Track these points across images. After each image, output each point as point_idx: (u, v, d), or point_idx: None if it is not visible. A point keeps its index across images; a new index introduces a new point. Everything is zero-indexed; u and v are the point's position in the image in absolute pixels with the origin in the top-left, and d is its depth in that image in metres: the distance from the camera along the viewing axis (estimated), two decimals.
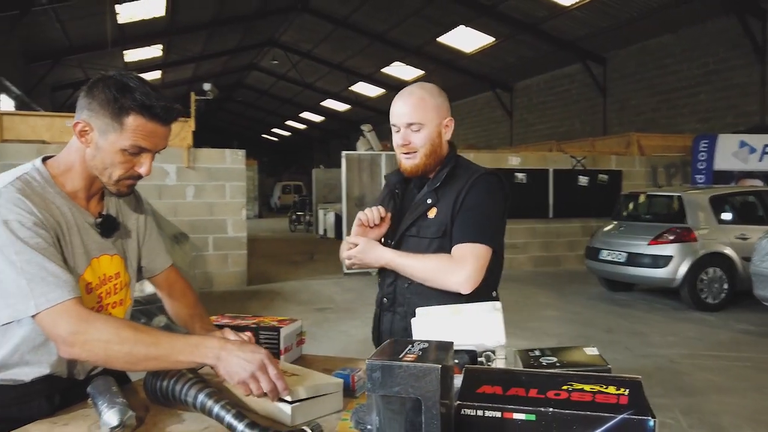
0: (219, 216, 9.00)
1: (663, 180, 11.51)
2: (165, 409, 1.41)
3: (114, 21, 13.82)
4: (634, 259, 7.58)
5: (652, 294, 8.41)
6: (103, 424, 1.25)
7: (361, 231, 1.87)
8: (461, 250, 1.79)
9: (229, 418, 1.23)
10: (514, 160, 10.97)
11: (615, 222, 8.46)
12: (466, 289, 1.77)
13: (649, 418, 1.02)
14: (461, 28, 15.68)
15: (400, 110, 1.84)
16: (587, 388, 1.13)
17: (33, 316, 1.28)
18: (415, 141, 1.83)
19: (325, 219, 17.03)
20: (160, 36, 16.55)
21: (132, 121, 1.36)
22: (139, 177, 1.46)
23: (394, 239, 1.91)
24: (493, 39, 15.99)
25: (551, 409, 1.06)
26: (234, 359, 1.27)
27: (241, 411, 1.25)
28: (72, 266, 1.39)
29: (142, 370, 1.37)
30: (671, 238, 7.32)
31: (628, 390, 1.11)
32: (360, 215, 1.86)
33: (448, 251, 1.82)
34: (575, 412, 1.05)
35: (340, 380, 1.46)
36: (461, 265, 1.77)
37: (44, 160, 1.45)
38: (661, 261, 7.29)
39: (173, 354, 1.29)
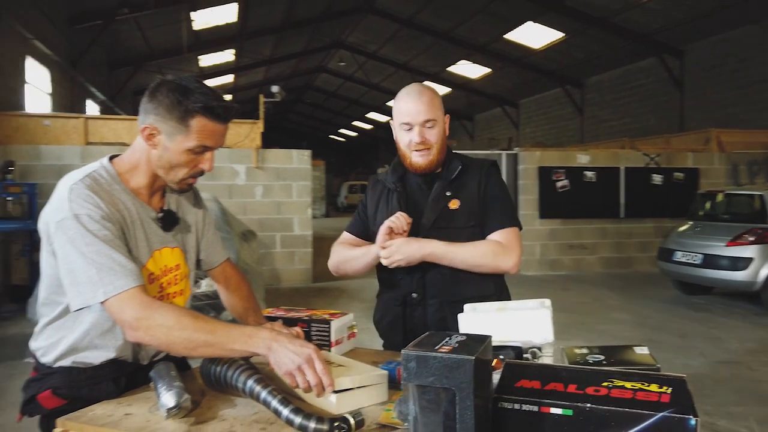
0: (286, 215, 9.25)
1: (744, 178, 10.87)
2: (219, 394, 1.49)
3: (190, 28, 14.44)
4: (710, 261, 7.21)
5: (732, 298, 7.96)
6: (161, 406, 1.33)
7: (387, 239, 1.89)
8: (505, 235, 1.93)
9: (275, 403, 1.29)
10: (583, 158, 10.66)
11: (690, 222, 8.07)
12: (516, 270, 1.93)
13: (691, 417, 1.00)
14: (529, 24, 15.38)
15: (416, 108, 1.90)
16: (628, 385, 1.11)
17: (101, 303, 1.38)
18: (430, 138, 1.91)
19: None
20: (232, 41, 17.14)
21: (197, 122, 1.46)
22: (201, 173, 1.56)
23: (418, 235, 1.92)
24: (563, 34, 15.59)
25: (589, 405, 1.06)
26: (283, 351, 1.33)
27: (287, 397, 1.31)
28: (135, 257, 1.49)
29: (199, 356, 1.43)
30: (752, 239, 6.91)
31: (671, 388, 1.09)
32: (389, 223, 1.88)
33: (480, 238, 1.93)
34: (613, 408, 1.04)
35: (385, 372, 1.49)
36: (510, 248, 1.92)
37: (111, 158, 1.56)
38: (740, 263, 6.90)
39: (228, 342, 1.36)
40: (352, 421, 1.23)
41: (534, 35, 16.09)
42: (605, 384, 1.12)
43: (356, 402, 1.38)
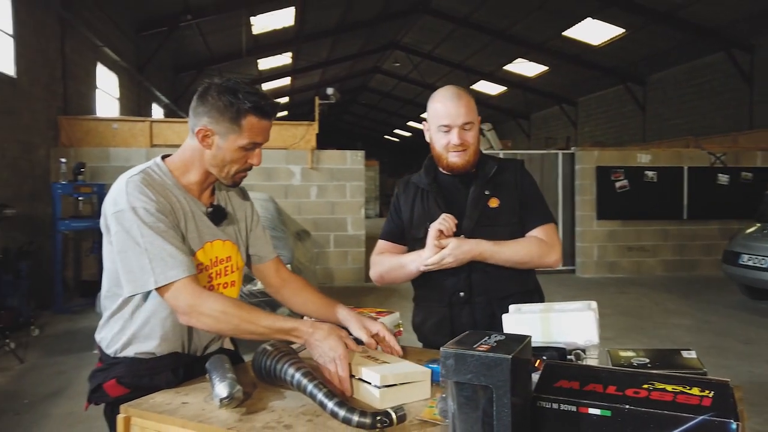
0: (340, 215, 9.39)
1: None
2: (269, 387, 1.56)
3: (249, 32, 14.84)
4: None
5: None
6: (215, 396, 1.41)
7: (437, 242, 1.92)
8: (545, 231, 2.02)
9: (320, 396, 1.34)
10: (643, 158, 10.34)
11: (758, 224, 7.71)
12: (558, 265, 2.03)
13: (732, 421, 0.99)
14: (588, 20, 15.01)
15: (456, 111, 1.96)
16: (669, 388, 1.11)
17: (155, 290, 1.50)
18: (468, 139, 1.98)
19: None
20: (289, 44, 17.49)
21: (248, 122, 1.57)
22: (250, 168, 1.68)
23: (462, 234, 1.95)
24: (624, 30, 15.13)
25: (627, 406, 1.06)
26: (318, 346, 1.50)
27: (332, 391, 1.36)
28: (186, 246, 1.58)
29: (247, 338, 1.56)
30: None
31: (713, 392, 1.08)
32: (439, 226, 1.91)
33: (521, 235, 2.02)
34: (652, 410, 1.04)
35: (428, 369, 1.53)
36: (552, 244, 2.01)
37: (163, 158, 1.68)
38: None
39: (272, 334, 1.52)
40: (393, 415, 1.27)
41: (594, 31, 15.68)
42: (645, 386, 1.12)
43: (399, 397, 1.42)
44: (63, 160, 7.57)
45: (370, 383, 1.43)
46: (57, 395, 4.44)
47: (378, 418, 1.26)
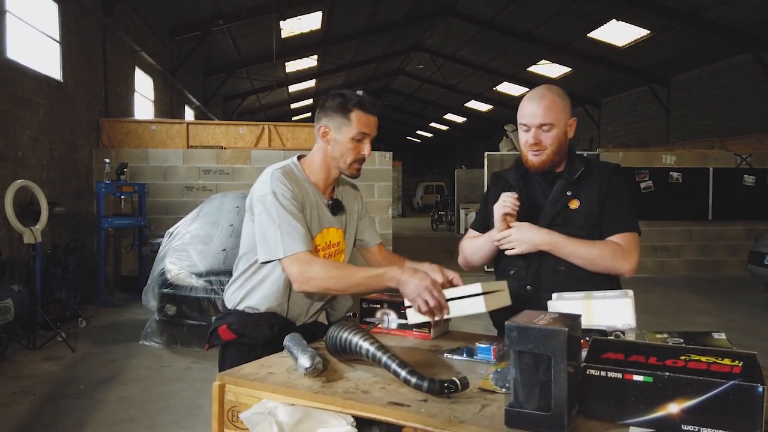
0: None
1: None
2: (342, 361, 1.77)
3: (278, 36, 15.14)
4: None
5: None
6: (299, 366, 1.62)
7: (504, 225, 2.01)
8: (626, 238, 2.00)
9: (394, 366, 1.54)
10: (668, 159, 10.39)
11: None
12: (632, 274, 1.99)
13: (759, 385, 1.16)
14: (613, 22, 15.03)
15: (534, 111, 1.98)
16: (703, 359, 1.28)
17: (279, 259, 1.86)
18: (544, 140, 1.99)
19: (467, 219, 17.21)
20: (316, 47, 17.78)
21: (355, 115, 1.96)
22: (363, 159, 2.03)
23: None
24: (648, 31, 15.12)
25: (668, 373, 1.24)
26: (408, 283, 1.76)
27: (404, 361, 1.57)
28: (309, 229, 1.94)
29: (353, 293, 1.95)
30: None
31: (742, 362, 1.25)
32: (501, 209, 2.00)
33: (596, 239, 2.00)
34: (689, 376, 1.22)
35: (504, 281, 1.89)
36: (630, 252, 1.98)
37: (299, 158, 2.08)
38: None
39: (367, 282, 1.84)
40: (458, 383, 1.47)
41: (618, 33, 15.69)
42: (683, 357, 1.30)
43: (497, 301, 1.78)
44: (107, 160, 7.91)
45: (468, 296, 1.73)
46: (110, 381, 4.72)
47: (446, 384, 1.46)
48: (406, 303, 1.84)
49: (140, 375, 4.90)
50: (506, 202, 2.00)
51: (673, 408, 1.21)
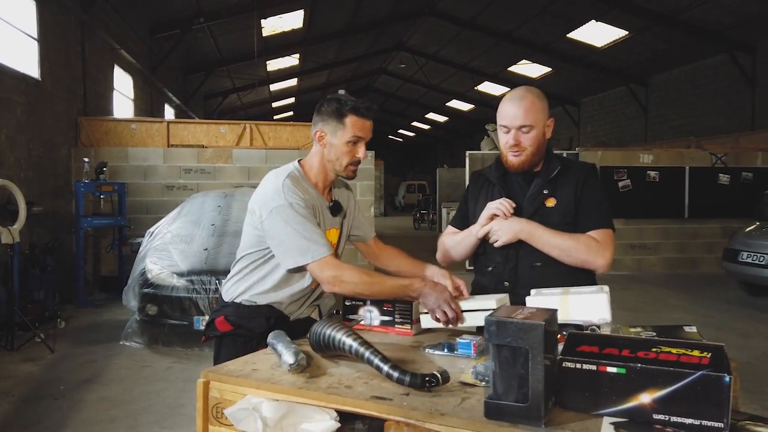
0: None
1: None
2: (325, 358, 1.80)
3: (259, 34, 15.08)
4: None
5: None
6: (283, 362, 1.65)
7: (488, 222, 2.09)
8: (601, 235, 2.06)
9: (377, 361, 1.58)
10: (646, 158, 10.56)
11: (757, 222, 7.93)
12: (605, 269, 2.06)
13: (726, 375, 1.21)
14: (592, 23, 15.22)
15: (514, 113, 2.03)
16: (674, 350, 1.33)
17: (307, 264, 1.94)
18: (524, 141, 2.05)
19: (449, 217, 17.23)
20: (297, 46, 17.73)
21: (349, 119, 2.02)
22: (359, 161, 2.09)
23: None
24: (627, 32, 15.34)
25: (639, 365, 1.29)
26: (429, 295, 1.92)
27: (386, 357, 1.60)
28: None
29: (378, 299, 2.09)
30: None
31: (710, 354, 1.30)
32: (494, 210, 2.07)
33: None
34: (660, 367, 1.27)
35: (505, 295, 1.99)
36: (605, 248, 2.04)
37: (299, 161, 2.14)
38: None
39: (394, 290, 1.98)
40: (439, 377, 1.50)
41: (597, 34, 15.89)
42: (654, 349, 1.34)
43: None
44: (86, 159, 7.82)
45: (481, 310, 1.86)
46: (91, 382, 4.68)
47: (427, 378, 1.49)
48: (422, 309, 1.98)
49: (121, 375, 4.87)
50: (502, 206, 2.07)
51: (645, 398, 1.26)
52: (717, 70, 15.47)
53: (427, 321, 1.99)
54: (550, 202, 2.08)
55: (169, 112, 15.67)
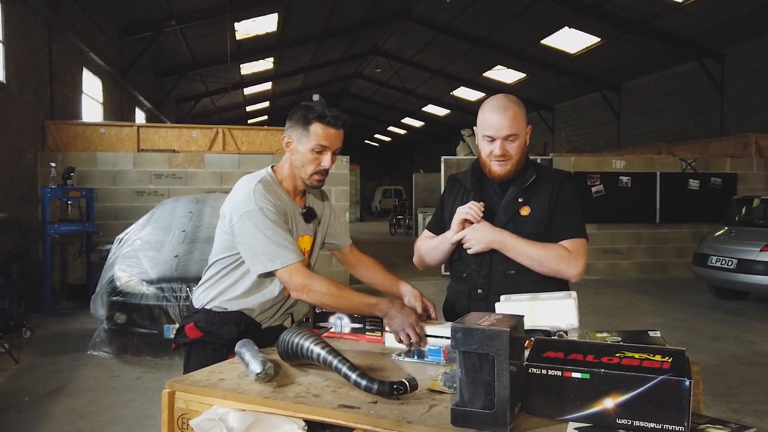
0: None
1: None
2: (293, 366, 1.78)
3: (233, 37, 14.97)
4: (745, 266, 7.25)
5: (767, 303, 7.97)
6: (250, 372, 1.62)
7: (460, 228, 2.09)
8: (574, 244, 2.06)
9: (345, 369, 1.56)
10: (618, 164, 10.73)
11: (726, 227, 8.11)
12: (577, 278, 2.06)
13: (686, 379, 1.23)
14: (565, 29, 15.44)
15: (500, 123, 2.02)
16: (636, 355, 1.35)
17: (275, 271, 1.91)
18: (510, 151, 2.05)
19: (425, 222, 17.31)
20: (272, 49, 17.64)
21: (314, 128, 2.00)
22: (325, 171, 2.06)
23: None
24: (599, 39, 15.61)
25: (603, 370, 1.30)
26: (395, 317, 1.89)
27: (354, 364, 1.58)
28: None
29: (340, 312, 2.07)
30: None
31: (671, 358, 1.32)
32: (464, 215, 2.07)
33: None
34: (623, 372, 1.28)
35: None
36: (578, 257, 2.04)
37: (273, 167, 2.12)
38: None
39: (360, 308, 1.96)
40: (408, 384, 1.50)
41: (570, 40, 16.14)
42: (617, 355, 1.36)
43: None
44: (53, 164, 7.64)
45: (446, 337, 1.82)
46: (57, 393, 4.57)
47: (395, 386, 1.48)
48: (387, 328, 1.99)
49: (88, 386, 4.76)
50: (472, 210, 2.06)
51: (609, 403, 1.27)
52: (687, 77, 15.82)
53: (390, 340, 2.00)
54: (525, 211, 2.09)
55: (140, 116, 15.45)
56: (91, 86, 11.32)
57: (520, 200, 2.09)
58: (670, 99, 16.55)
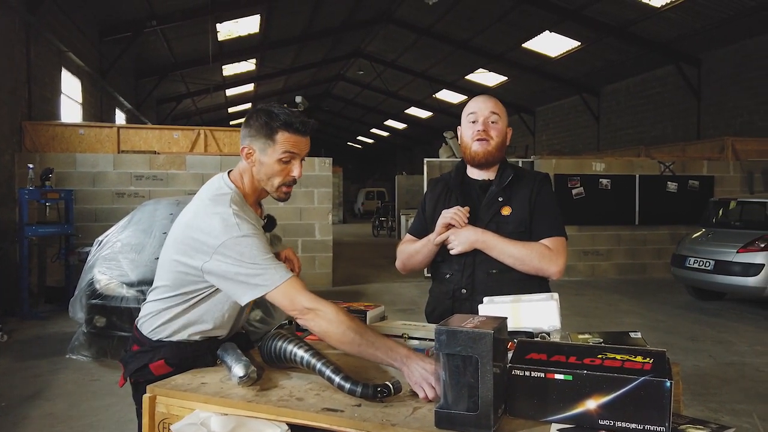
0: (307, 220, 9.55)
1: (759, 186, 10.97)
2: (276, 369, 1.77)
3: (215, 39, 14.87)
4: (722, 267, 7.38)
5: (744, 303, 8.11)
6: (233, 376, 1.61)
7: (443, 230, 2.10)
8: (555, 242, 2.10)
9: (328, 372, 1.56)
10: (598, 166, 10.85)
11: (703, 229, 8.24)
12: (558, 277, 2.09)
13: (666, 380, 1.25)
14: (546, 33, 15.60)
15: (483, 104, 2.15)
16: (618, 357, 1.37)
17: (268, 292, 1.67)
18: (491, 130, 2.13)
19: (408, 224, 17.33)
20: (254, 51, 17.55)
21: (280, 136, 1.78)
22: (294, 181, 1.86)
23: None
24: (579, 43, 15.79)
25: (585, 371, 1.31)
26: (416, 368, 1.55)
27: (338, 367, 1.58)
28: None
29: (346, 352, 1.71)
30: (763, 245, 7.08)
31: (652, 359, 1.34)
32: (448, 219, 2.07)
33: None
34: (605, 374, 1.30)
35: None
36: (558, 255, 2.08)
37: (230, 177, 1.86)
38: (751, 269, 7.07)
39: (373, 351, 1.62)
40: (391, 387, 1.50)
41: (551, 44, 16.29)
42: (600, 356, 1.37)
43: None
44: (31, 165, 7.52)
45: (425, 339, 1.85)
46: (35, 397, 4.49)
47: (378, 389, 1.48)
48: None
49: (67, 390, 4.69)
50: (457, 216, 2.07)
51: (591, 404, 1.28)
52: (664, 81, 16.07)
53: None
54: (506, 211, 2.13)
55: (120, 117, 15.26)
56: (71, 87, 11.16)
57: (500, 199, 2.13)
58: (649, 102, 16.79)
